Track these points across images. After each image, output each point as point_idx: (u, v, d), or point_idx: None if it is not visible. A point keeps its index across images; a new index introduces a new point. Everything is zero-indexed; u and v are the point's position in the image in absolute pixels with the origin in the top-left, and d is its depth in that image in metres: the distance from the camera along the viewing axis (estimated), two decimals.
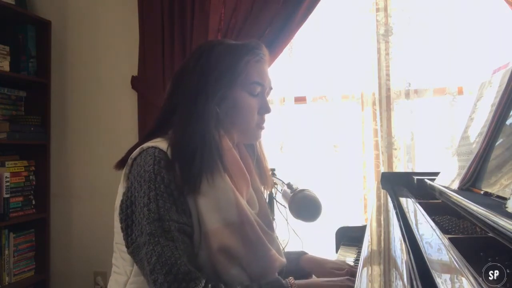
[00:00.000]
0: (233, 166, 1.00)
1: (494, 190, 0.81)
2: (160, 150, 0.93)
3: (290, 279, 0.96)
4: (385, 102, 2.20)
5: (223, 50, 1.02)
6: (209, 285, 0.85)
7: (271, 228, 1.08)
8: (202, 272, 0.88)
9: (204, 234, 0.90)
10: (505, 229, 0.57)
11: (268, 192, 1.20)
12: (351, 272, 1.08)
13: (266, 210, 1.11)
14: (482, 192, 0.86)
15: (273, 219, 1.14)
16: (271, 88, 1.10)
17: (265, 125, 1.09)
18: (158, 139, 0.97)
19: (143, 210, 0.87)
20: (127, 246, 0.91)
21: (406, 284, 0.53)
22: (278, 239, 1.09)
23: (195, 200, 0.91)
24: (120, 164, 1.01)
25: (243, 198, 1.00)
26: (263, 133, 1.11)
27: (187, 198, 0.91)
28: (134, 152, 0.96)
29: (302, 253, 1.21)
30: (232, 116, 1.02)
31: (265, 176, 1.17)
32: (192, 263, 0.87)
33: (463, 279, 0.51)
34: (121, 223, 0.93)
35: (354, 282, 0.94)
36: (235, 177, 1.00)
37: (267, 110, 1.07)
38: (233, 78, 1.00)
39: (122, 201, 0.94)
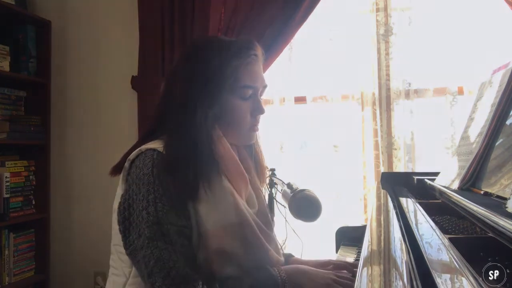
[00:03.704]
0: (231, 167, 0.99)
1: (494, 190, 0.81)
2: (159, 152, 0.93)
3: (278, 266, 0.97)
4: (385, 102, 2.20)
5: (211, 53, 0.99)
6: (205, 286, 0.86)
7: (270, 227, 1.07)
8: (199, 272, 0.88)
9: (202, 235, 0.90)
10: (505, 229, 0.57)
11: (263, 187, 1.20)
12: (337, 266, 1.08)
13: (265, 209, 1.11)
14: (482, 192, 0.86)
15: (273, 218, 1.14)
16: (265, 87, 1.06)
17: (259, 126, 1.07)
18: (156, 142, 0.97)
19: (142, 213, 0.87)
20: (125, 248, 0.91)
21: (406, 284, 0.53)
22: (276, 237, 1.09)
23: (193, 204, 0.91)
24: (115, 170, 1.00)
25: (242, 198, 1.00)
26: (258, 134, 1.10)
27: (186, 201, 0.91)
28: (132, 154, 0.95)
29: (289, 256, 1.20)
30: (224, 119, 1.00)
31: (261, 172, 1.17)
32: (192, 265, 0.87)
33: (463, 279, 0.51)
34: (119, 225, 0.92)
35: (341, 276, 0.98)
36: (233, 178, 0.99)
37: (260, 111, 1.04)
38: (221, 84, 0.97)
39: (120, 203, 0.93)
